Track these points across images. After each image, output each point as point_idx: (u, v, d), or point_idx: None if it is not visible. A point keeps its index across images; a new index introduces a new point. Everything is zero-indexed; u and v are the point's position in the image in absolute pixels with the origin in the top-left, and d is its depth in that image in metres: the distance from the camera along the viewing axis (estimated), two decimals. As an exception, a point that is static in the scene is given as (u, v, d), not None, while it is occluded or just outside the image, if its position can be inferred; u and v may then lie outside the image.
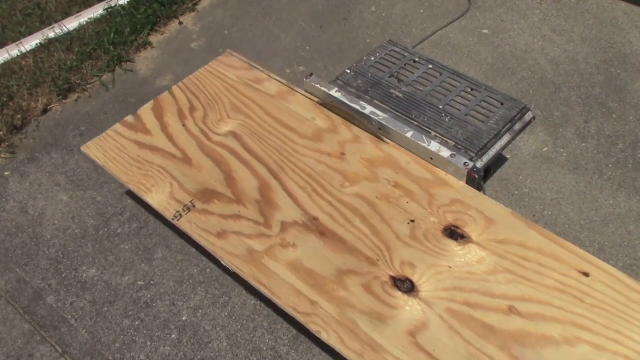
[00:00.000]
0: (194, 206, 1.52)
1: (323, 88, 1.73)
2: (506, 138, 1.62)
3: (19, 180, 1.94)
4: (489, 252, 1.35)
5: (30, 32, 2.45)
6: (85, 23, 2.44)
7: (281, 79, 1.82)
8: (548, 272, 1.30)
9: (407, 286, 1.31)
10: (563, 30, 2.19)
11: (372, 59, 1.86)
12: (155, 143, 1.69)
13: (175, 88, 1.85)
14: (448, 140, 1.59)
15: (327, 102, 1.71)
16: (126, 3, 2.50)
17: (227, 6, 2.52)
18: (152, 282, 1.63)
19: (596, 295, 1.26)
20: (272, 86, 1.80)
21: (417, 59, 1.84)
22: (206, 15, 2.49)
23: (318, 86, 1.73)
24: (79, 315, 1.58)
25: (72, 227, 1.78)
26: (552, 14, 2.26)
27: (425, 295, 1.29)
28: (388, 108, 1.70)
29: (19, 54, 2.34)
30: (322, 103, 1.73)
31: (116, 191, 1.86)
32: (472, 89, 1.73)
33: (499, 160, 1.77)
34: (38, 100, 2.16)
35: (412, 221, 1.43)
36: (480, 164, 1.54)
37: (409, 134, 1.57)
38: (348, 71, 1.82)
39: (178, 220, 1.49)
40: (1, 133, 2.06)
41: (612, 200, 1.67)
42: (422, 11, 2.35)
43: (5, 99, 2.14)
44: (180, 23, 2.47)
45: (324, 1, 2.46)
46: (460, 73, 1.79)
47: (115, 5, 2.49)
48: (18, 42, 2.40)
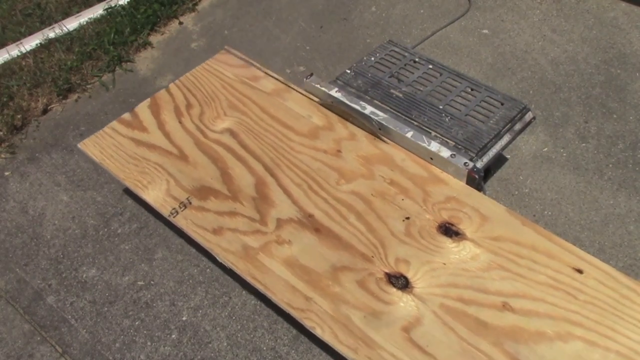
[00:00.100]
0: (190, 203, 1.53)
1: (323, 88, 1.73)
2: (506, 138, 1.62)
3: (19, 180, 1.94)
4: (483, 249, 1.36)
5: (30, 32, 2.45)
6: (85, 23, 2.44)
7: (277, 76, 1.83)
8: (541, 269, 1.31)
9: (402, 282, 1.32)
10: (563, 30, 2.19)
11: (372, 59, 1.86)
12: (152, 140, 1.70)
13: (172, 85, 1.85)
14: (448, 140, 1.59)
15: (327, 102, 1.71)
16: (126, 3, 2.50)
17: (227, 6, 2.52)
18: (152, 282, 1.63)
19: (589, 291, 1.27)
20: (269, 84, 1.81)
21: (417, 59, 1.84)
22: (206, 15, 2.49)
23: (318, 86, 1.73)
24: (79, 315, 1.58)
25: (72, 227, 1.78)
26: (552, 14, 2.26)
27: (419, 291, 1.30)
28: (388, 108, 1.70)
29: (19, 54, 2.34)
30: (322, 103, 1.73)
31: (116, 191, 1.86)
32: (472, 89, 1.73)
33: (499, 160, 1.77)
34: (38, 100, 2.16)
35: (407, 218, 1.44)
36: (480, 164, 1.54)
37: (409, 134, 1.57)
38: (348, 71, 1.82)
39: (174, 216, 1.50)
40: (1, 133, 2.06)
41: (612, 200, 1.67)
42: (422, 11, 2.35)
43: (5, 99, 2.14)
44: (180, 23, 2.47)
45: (324, 1, 2.46)
46: (460, 73, 1.79)
47: (115, 5, 2.49)
48: (18, 42, 2.40)
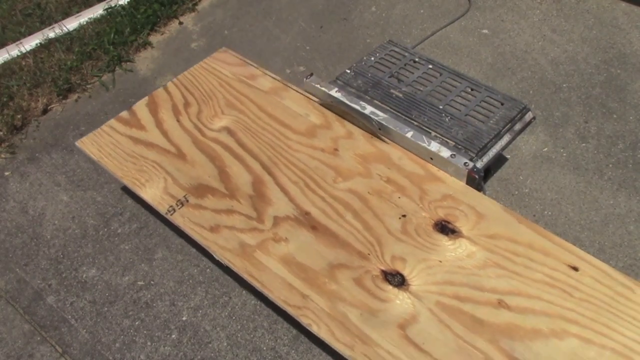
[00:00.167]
0: (188, 201, 1.53)
1: (323, 88, 1.73)
2: (506, 138, 1.62)
3: (19, 180, 1.94)
4: (480, 247, 1.36)
5: (30, 32, 2.45)
6: (85, 23, 2.44)
7: (275, 75, 1.83)
8: (537, 267, 1.32)
9: (398, 280, 1.32)
10: (563, 30, 2.19)
11: (372, 59, 1.86)
12: (149, 138, 1.70)
13: (169, 84, 1.86)
14: (448, 140, 1.59)
15: (327, 102, 1.71)
16: (126, 3, 2.50)
17: (227, 6, 2.52)
18: (152, 282, 1.63)
19: (585, 289, 1.27)
20: (266, 82, 1.82)
21: (417, 59, 1.84)
22: (206, 15, 2.49)
23: (318, 86, 1.73)
24: (79, 315, 1.58)
25: (72, 227, 1.78)
26: (552, 14, 2.26)
27: (415, 288, 1.31)
28: (388, 108, 1.70)
29: (19, 54, 2.34)
30: (322, 103, 1.73)
31: (116, 191, 1.86)
32: (472, 89, 1.73)
33: (499, 160, 1.77)
34: (38, 100, 2.16)
35: (404, 216, 1.44)
36: (480, 164, 1.54)
37: (409, 134, 1.57)
38: (348, 71, 1.82)
39: (171, 214, 1.51)
40: (1, 133, 2.06)
41: (612, 200, 1.67)
42: (422, 11, 2.35)
43: (5, 99, 2.14)
44: (180, 23, 2.47)
45: (324, 1, 2.46)
46: (460, 73, 1.79)
47: (115, 5, 2.49)
48: (18, 42, 2.40)
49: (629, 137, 1.82)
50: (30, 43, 2.38)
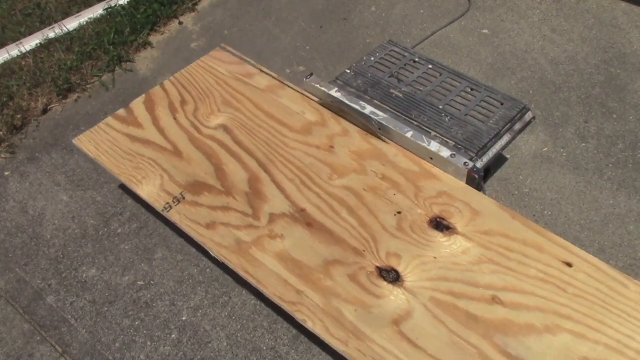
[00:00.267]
0: (184, 198, 1.54)
1: (323, 88, 1.73)
2: (506, 138, 1.62)
3: (19, 180, 1.94)
4: (474, 243, 1.37)
5: (30, 32, 2.45)
6: (85, 23, 2.44)
7: (272, 73, 1.84)
8: (532, 263, 1.32)
9: (393, 276, 1.33)
10: (563, 30, 2.19)
11: (372, 59, 1.86)
12: (146, 136, 1.71)
13: (166, 82, 1.87)
14: (448, 140, 1.59)
15: (327, 102, 1.71)
16: (126, 3, 2.50)
17: (227, 6, 2.52)
18: (152, 282, 1.63)
19: (578, 285, 1.28)
20: (263, 80, 1.82)
21: (417, 59, 1.84)
22: (206, 15, 2.49)
23: (318, 86, 1.73)
24: (79, 315, 1.58)
25: (72, 227, 1.78)
26: (552, 14, 2.26)
27: (410, 285, 1.31)
28: (388, 108, 1.70)
29: (19, 54, 2.34)
30: (322, 103, 1.73)
31: (116, 191, 1.86)
32: (472, 89, 1.73)
33: (499, 160, 1.77)
34: (38, 100, 2.16)
35: (399, 213, 1.45)
36: (480, 164, 1.54)
37: (409, 134, 1.57)
38: (348, 71, 1.82)
39: (168, 211, 1.51)
40: (1, 133, 2.06)
41: (612, 200, 1.67)
42: (422, 11, 2.35)
43: (5, 99, 2.14)
44: (180, 23, 2.47)
45: (324, 1, 2.46)
46: (460, 73, 1.79)
47: (115, 5, 2.49)
48: (18, 42, 2.40)
49: (629, 137, 1.82)
50: (30, 43, 2.38)
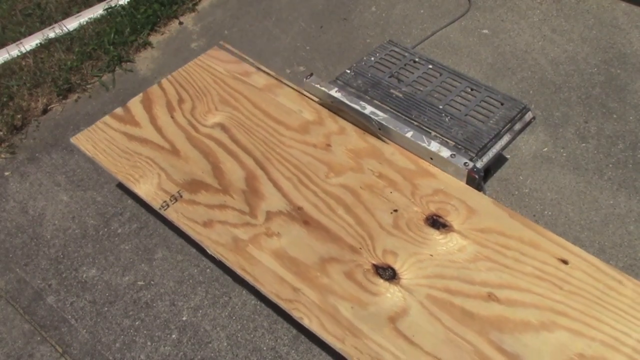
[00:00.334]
0: (181, 196, 1.54)
1: (323, 88, 1.73)
2: (506, 138, 1.62)
3: (19, 180, 1.94)
4: (470, 241, 1.37)
5: (30, 32, 2.45)
6: (85, 23, 2.44)
7: (269, 71, 1.84)
8: (528, 260, 1.33)
9: (389, 274, 1.33)
10: (563, 30, 2.19)
11: (372, 59, 1.86)
12: (144, 135, 1.71)
13: (164, 81, 1.87)
14: (448, 140, 1.59)
15: (327, 102, 1.71)
16: (126, 3, 2.50)
17: (227, 6, 2.52)
18: (152, 282, 1.63)
19: (574, 282, 1.28)
20: (260, 79, 1.83)
21: (417, 59, 1.84)
22: (206, 15, 2.49)
23: (318, 86, 1.73)
24: (79, 315, 1.58)
25: (72, 227, 1.78)
26: (552, 14, 2.26)
27: (406, 282, 1.31)
28: (388, 108, 1.70)
29: (19, 54, 2.34)
30: (322, 103, 1.73)
31: (116, 191, 1.86)
32: (472, 89, 1.73)
33: (499, 160, 1.77)
34: (38, 100, 2.16)
35: (395, 210, 1.45)
36: (480, 164, 1.54)
37: (409, 134, 1.57)
38: (348, 71, 1.82)
39: (165, 210, 1.51)
40: (1, 133, 2.06)
41: (612, 200, 1.67)
42: (422, 11, 2.35)
43: (5, 99, 2.14)
44: (180, 23, 2.47)
45: (324, 1, 2.46)
46: (460, 73, 1.79)
47: (115, 5, 2.49)
48: (18, 42, 2.40)
49: (629, 137, 1.82)
50: (30, 43, 2.38)
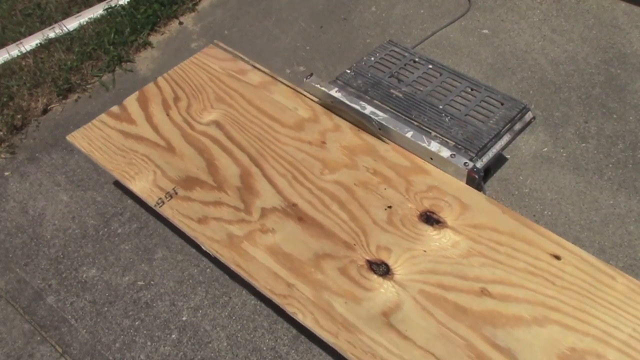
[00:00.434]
0: (176, 193, 1.54)
1: (323, 88, 1.73)
2: (506, 138, 1.62)
3: (19, 180, 1.94)
4: (464, 237, 1.38)
5: (30, 32, 2.45)
6: (85, 23, 2.44)
7: (264, 69, 1.84)
8: (520, 256, 1.33)
9: (383, 269, 1.34)
10: (563, 30, 2.19)
11: (372, 59, 1.86)
12: (139, 132, 1.72)
13: (160, 79, 1.88)
14: (448, 140, 1.59)
15: (327, 102, 1.71)
16: (126, 3, 2.50)
17: (227, 6, 2.52)
18: (152, 282, 1.63)
19: (567, 277, 1.29)
20: (255, 77, 1.83)
21: (417, 59, 1.84)
22: (206, 15, 2.49)
23: (318, 86, 1.73)
24: (79, 315, 1.58)
25: (72, 227, 1.78)
26: (552, 14, 2.26)
27: (399, 277, 1.32)
28: (388, 108, 1.70)
29: (19, 54, 2.34)
30: (322, 103, 1.73)
31: (116, 191, 1.86)
32: (472, 89, 1.73)
33: (499, 160, 1.77)
34: (38, 100, 2.16)
35: (389, 207, 1.46)
36: (480, 164, 1.54)
37: (409, 134, 1.57)
38: (348, 71, 1.82)
39: (160, 206, 1.52)
40: (1, 133, 2.06)
41: (612, 200, 1.67)
42: (422, 11, 2.35)
43: (5, 99, 2.14)
44: (180, 23, 2.47)
45: (324, 1, 2.46)
46: (460, 73, 1.79)
47: (115, 5, 2.49)
48: (18, 42, 2.40)
49: (629, 137, 1.82)
50: (30, 43, 2.38)
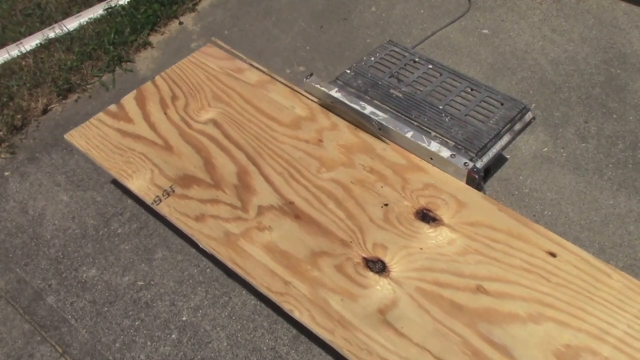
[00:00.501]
0: (174, 191, 1.55)
1: (323, 88, 1.73)
2: (506, 138, 1.62)
3: (19, 180, 1.94)
4: (460, 234, 1.38)
5: (30, 32, 2.45)
6: (85, 23, 2.44)
7: (262, 68, 1.84)
8: (516, 253, 1.34)
9: (379, 267, 1.34)
10: (563, 30, 2.19)
11: (372, 59, 1.86)
12: (137, 131, 1.72)
13: (157, 78, 1.88)
14: (448, 140, 1.59)
15: (327, 102, 1.71)
16: (126, 3, 2.50)
17: (227, 6, 2.52)
18: (152, 282, 1.63)
19: (562, 274, 1.30)
20: (253, 75, 1.84)
21: (417, 59, 1.84)
22: (206, 15, 2.49)
23: (318, 86, 1.73)
24: (79, 315, 1.58)
25: (72, 227, 1.78)
26: (552, 14, 2.26)
27: (395, 275, 1.32)
28: (388, 108, 1.70)
29: (19, 54, 2.34)
30: (322, 103, 1.73)
31: (116, 191, 1.86)
32: (472, 89, 1.73)
33: (499, 160, 1.77)
34: (38, 100, 2.16)
35: (386, 205, 1.46)
36: (480, 164, 1.54)
37: (409, 134, 1.57)
38: (348, 71, 1.82)
39: (157, 204, 1.52)
40: (1, 133, 2.06)
41: (612, 200, 1.67)
42: (422, 11, 2.35)
43: (5, 99, 2.14)
44: (180, 23, 2.47)
45: (324, 1, 2.46)
46: (460, 73, 1.79)
47: (115, 5, 2.49)
48: (18, 42, 2.40)
49: (629, 137, 1.82)
50: (30, 43, 2.38)
